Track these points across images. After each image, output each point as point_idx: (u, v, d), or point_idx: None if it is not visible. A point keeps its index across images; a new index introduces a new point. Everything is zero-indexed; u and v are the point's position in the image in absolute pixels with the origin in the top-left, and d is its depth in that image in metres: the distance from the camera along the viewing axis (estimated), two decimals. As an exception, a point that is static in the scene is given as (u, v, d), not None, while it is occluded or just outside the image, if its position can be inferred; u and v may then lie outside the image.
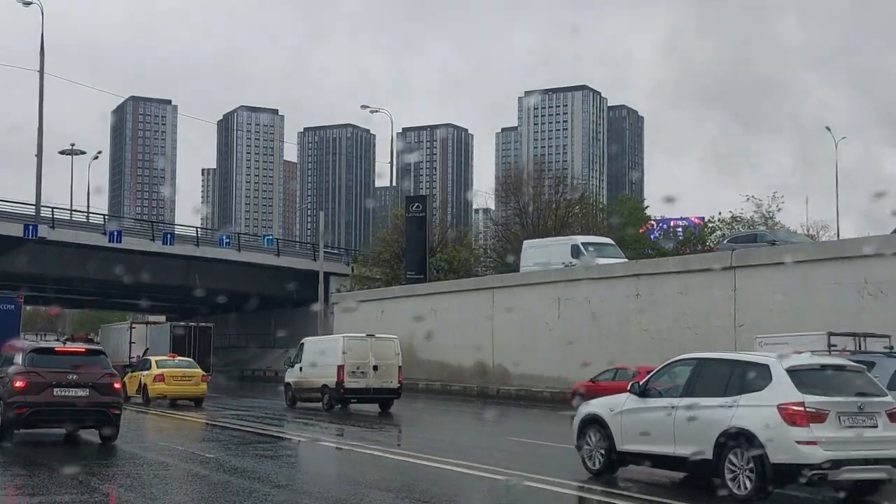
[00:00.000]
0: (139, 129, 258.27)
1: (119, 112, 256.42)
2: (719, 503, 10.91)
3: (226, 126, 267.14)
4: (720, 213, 58.56)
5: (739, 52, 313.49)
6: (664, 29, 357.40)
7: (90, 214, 63.58)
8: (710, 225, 63.82)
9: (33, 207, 46.91)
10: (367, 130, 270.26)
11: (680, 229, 71.04)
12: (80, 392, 15.73)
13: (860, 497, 11.23)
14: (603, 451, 12.58)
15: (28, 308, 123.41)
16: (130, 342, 43.08)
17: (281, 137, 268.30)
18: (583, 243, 36.07)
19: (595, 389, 23.44)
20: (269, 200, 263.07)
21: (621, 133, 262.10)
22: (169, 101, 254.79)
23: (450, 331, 39.06)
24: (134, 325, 46.03)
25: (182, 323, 46.87)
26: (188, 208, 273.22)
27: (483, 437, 21.47)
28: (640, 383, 12.75)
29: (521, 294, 36.00)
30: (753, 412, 10.81)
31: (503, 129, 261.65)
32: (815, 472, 10.43)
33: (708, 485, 11.40)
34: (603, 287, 32.15)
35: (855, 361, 12.32)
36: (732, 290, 27.34)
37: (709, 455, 11.10)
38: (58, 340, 46.11)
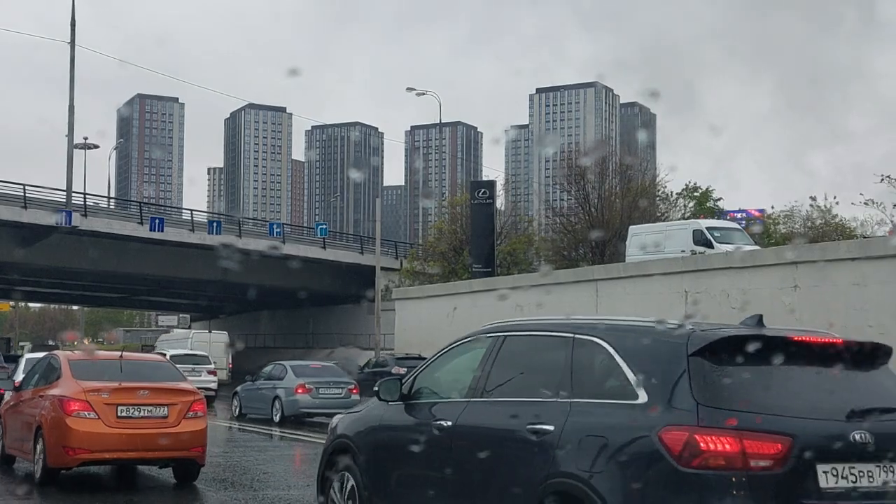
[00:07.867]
0: (146, 126, 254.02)
1: (126, 109, 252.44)
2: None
3: (233, 124, 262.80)
4: (772, 207, 55.40)
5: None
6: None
7: (127, 202, 58.90)
8: (771, 218, 60.15)
9: (64, 194, 42.19)
10: (375, 129, 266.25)
11: (743, 222, 66.40)
12: None
13: None
14: None
15: (35, 307, 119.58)
16: None
17: (289, 135, 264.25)
18: (707, 227, 31.28)
19: None
20: (276, 199, 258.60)
21: (633, 130, 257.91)
22: (176, 99, 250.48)
23: (541, 330, 34.37)
24: None
25: None
26: (194, 206, 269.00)
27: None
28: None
29: (633, 287, 31.06)
30: None
31: (512, 127, 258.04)
32: None
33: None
34: (747, 277, 27.25)
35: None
36: (933, 278, 22.65)
37: None
38: None
